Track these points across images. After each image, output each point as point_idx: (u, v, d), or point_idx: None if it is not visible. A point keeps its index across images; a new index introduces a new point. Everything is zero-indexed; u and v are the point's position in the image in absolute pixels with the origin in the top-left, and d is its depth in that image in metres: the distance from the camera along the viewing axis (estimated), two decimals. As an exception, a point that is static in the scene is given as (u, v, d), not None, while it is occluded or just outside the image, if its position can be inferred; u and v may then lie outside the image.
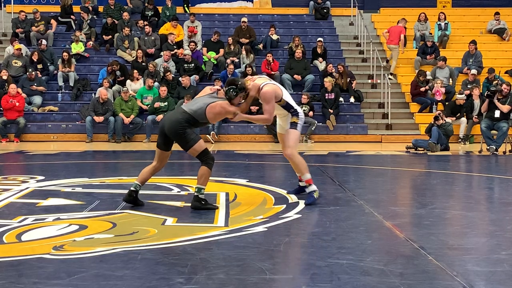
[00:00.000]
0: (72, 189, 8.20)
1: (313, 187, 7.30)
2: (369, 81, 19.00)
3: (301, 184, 7.70)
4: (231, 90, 6.83)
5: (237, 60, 18.58)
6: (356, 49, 20.76)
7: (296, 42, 18.87)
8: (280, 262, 4.87)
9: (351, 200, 7.59)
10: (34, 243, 5.44)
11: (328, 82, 16.94)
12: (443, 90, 17.51)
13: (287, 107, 7.28)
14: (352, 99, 17.67)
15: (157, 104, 16.34)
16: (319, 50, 18.91)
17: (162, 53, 18.38)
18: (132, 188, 6.92)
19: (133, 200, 6.92)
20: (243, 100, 7.05)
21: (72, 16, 20.58)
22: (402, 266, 4.76)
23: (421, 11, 20.79)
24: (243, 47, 18.87)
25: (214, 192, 7.98)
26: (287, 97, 7.30)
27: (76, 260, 4.88)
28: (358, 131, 16.91)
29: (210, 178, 7.10)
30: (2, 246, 5.33)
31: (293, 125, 7.33)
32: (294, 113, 7.32)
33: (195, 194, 6.81)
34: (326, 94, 16.93)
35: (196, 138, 6.80)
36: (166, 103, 16.31)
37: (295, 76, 17.99)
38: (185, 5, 21.95)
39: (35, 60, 18.00)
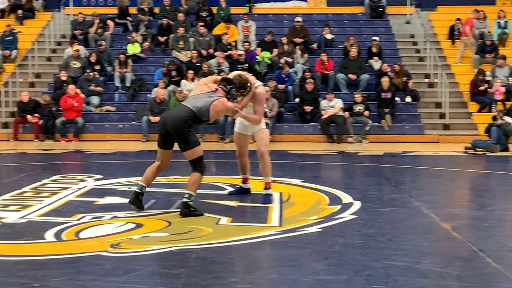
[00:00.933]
0: (129, 187, 8.31)
1: (271, 191, 7.37)
2: (426, 80, 18.71)
3: (243, 185, 7.76)
4: (233, 89, 6.87)
5: (291, 60, 18.55)
6: (413, 48, 20.48)
7: (351, 41, 18.73)
8: (335, 263, 4.83)
9: (407, 201, 7.50)
10: (91, 240, 5.54)
11: (385, 81, 16.77)
12: (503, 89, 17.13)
13: None
14: (408, 99, 17.45)
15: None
16: (374, 49, 18.72)
17: (216, 54, 18.49)
18: (137, 190, 6.73)
19: (139, 203, 6.72)
20: (241, 97, 7.07)
21: (128, 18, 20.88)
22: (459, 268, 4.67)
23: (479, 9, 20.35)
24: (297, 46, 18.82)
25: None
26: None
27: (132, 258, 4.94)
28: (414, 131, 16.67)
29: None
30: (61, 243, 5.44)
31: (266, 125, 7.47)
32: (265, 115, 7.47)
33: (185, 201, 6.47)
34: (382, 94, 16.76)
35: (198, 142, 6.65)
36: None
37: (350, 75, 17.86)
38: (248, 5, 22.02)
39: (93, 61, 18.33)
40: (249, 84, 7.05)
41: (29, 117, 16.34)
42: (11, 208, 6.92)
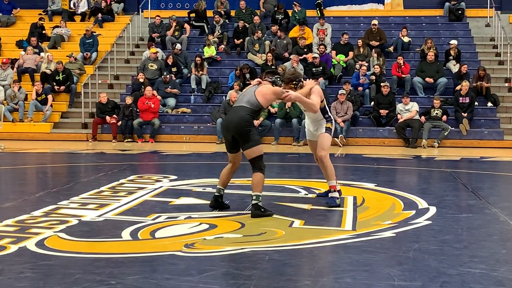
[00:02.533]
0: (203, 189, 8.41)
1: (336, 194, 7.33)
2: (506, 84, 18.21)
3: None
4: (278, 79, 7.01)
5: (366, 64, 18.38)
6: (493, 51, 19.96)
7: (428, 44, 18.40)
8: (409, 268, 4.76)
9: (484, 208, 7.31)
10: (166, 240, 5.62)
11: (465, 85, 16.41)
12: None
13: (323, 111, 7.39)
14: (489, 104, 17.03)
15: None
16: (452, 53, 18.34)
17: (291, 57, 18.49)
18: (216, 193, 6.93)
19: (220, 205, 6.93)
20: (297, 88, 7.16)
21: (205, 21, 21.14)
22: (539, 278, 4.52)
23: None
24: (373, 49, 18.64)
25: (342, 196, 7.92)
26: (324, 103, 7.46)
27: (206, 258, 4.99)
28: (493, 137, 16.24)
29: (337, 181, 7.06)
30: (137, 242, 5.55)
31: (327, 130, 7.43)
32: (329, 119, 7.46)
33: (254, 202, 6.58)
34: (460, 98, 16.40)
35: (259, 141, 6.77)
36: (292, 106, 16.36)
37: (427, 79, 17.55)
38: (317, 9, 21.96)
39: (169, 63, 18.64)
40: (302, 80, 7.22)
41: (107, 118, 16.74)
42: (89, 206, 7.10)
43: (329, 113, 7.49)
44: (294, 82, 7.14)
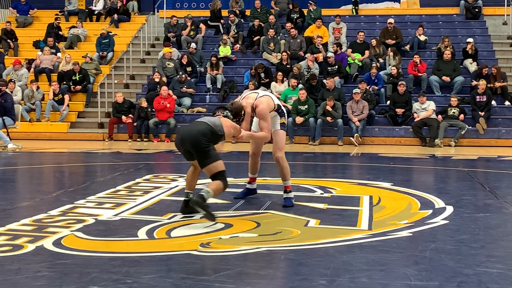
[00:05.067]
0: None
1: (292, 195, 7.20)
2: (523, 82, 18.08)
3: (248, 186, 7.57)
4: (229, 113, 6.80)
5: (382, 61, 18.32)
6: (510, 49, 19.82)
7: (445, 42, 18.30)
8: (426, 268, 4.73)
9: (502, 207, 7.26)
10: (182, 239, 5.63)
11: (482, 84, 16.31)
12: None
13: (277, 108, 7.09)
14: (507, 102, 16.91)
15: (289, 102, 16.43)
16: (469, 51, 18.23)
17: (306, 56, 18.46)
18: (185, 198, 6.63)
19: (190, 210, 6.51)
20: (241, 120, 6.91)
21: (221, 20, 21.17)
22: (558, 278, 4.48)
23: None
24: (389, 48, 18.56)
25: (358, 195, 7.91)
26: (275, 99, 7.16)
27: (221, 258, 5.00)
28: (511, 135, 16.12)
29: (353, 181, 7.04)
30: (153, 241, 5.56)
31: (282, 126, 7.16)
32: (282, 114, 7.16)
33: (202, 193, 6.08)
34: (477, 97, 16.30)
35: (218, 156, 6.44)
36: (306, 106, 16.33)
37: (444, 78, 17.46)
38: (354, 7, 21.93)
39: (184, 63, 18.68)
40: (242, 112, 6.85)
41: (123, 117, 16.81)
42: (105, 205, 7.13)
43: (282, 107, 7.17)
44: (236, 118, 6.85)
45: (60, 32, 21.52)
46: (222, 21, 21.13)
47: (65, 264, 4.76)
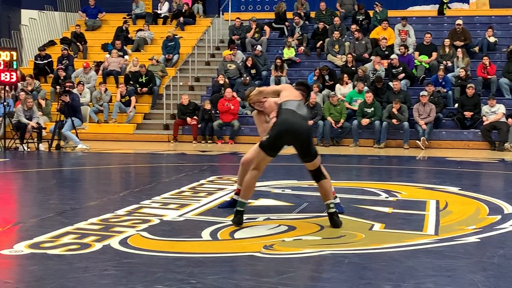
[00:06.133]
0: (282, 190, 8.41)
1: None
2: None
3: (236, 197, 7.02)
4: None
5: (450, 64, 17.98)
6: None
7: (515, 44, 17.85)
8: (494, 275, 4.61)
9: None
10: (245, 241, 5.64)
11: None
12: None
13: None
14: None
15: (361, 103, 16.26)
16: (541, 53, 17.73)
17: (372, 58, 18.28)
18: (239, 208, 6.17)
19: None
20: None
21: (286, 23, 21.16)
22: None
23: None
24: (458, 50, 18.19)
25: (424, 200, 7.77)
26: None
27: (285, 260, 4.98)
28: None
29: (419, 185, 6.92)
30: (216, 242, 5.59)
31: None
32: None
33: (332, 210, 6.05)
34: (548, 99, 15.84)
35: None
36: (372, 109, 16.16)
37: (514, 80, 17.03)
38: (444, 7, 21.63)
39: (249, 65, 18.75)
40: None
41: (188, 119, 16.99)
42: (170, 206, 7.21)
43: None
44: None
45: (128, 35, 21.91)
46: (286, 23, 21.12)
47: (131, 263, 4.83)
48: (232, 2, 22.84)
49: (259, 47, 19.41)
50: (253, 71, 18.66)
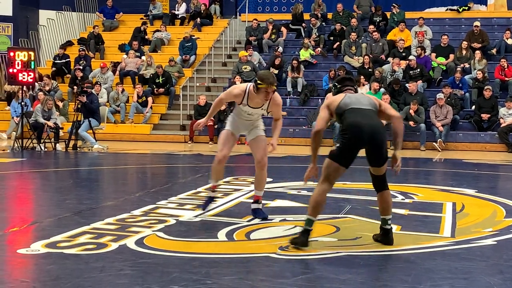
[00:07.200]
0: (298, 191, 8.40)
1: (260, 205, 6.68)
2: None
3: (212, 194, 6.88)
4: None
5: (467, 66, 17.88)
6: None
7: (533, 46, 17.73)
8: (510, 278, 4.59)
9: None
10: (261, 242, 5.65)
11: None
12: None
13: None
14: None
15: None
16: (559, 55, 17.60)
17: (389, 59, 18.22)
18: (306, 227, 5.37)
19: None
20: None
21: (302, 24, 21.16)
22: None
23: None
24: (475, 52, 18.10)
25: (440, 202, 7.74)
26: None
27: (300, 261, 4.98)
28: None
29: (436, 187, 6.89)
30: (232, 243, 5.60)
31: (265, 131, 6.94)
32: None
33: (389, 227, 5.50)
34: None
35: None
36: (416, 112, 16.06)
37: (532, 82, 16.91)
38: (466, 7, 21.60)
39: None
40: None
41: (205, 120, 17.00)
42: (186, 207, 7.23)
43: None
44: None
45: (145, 36, 22.00)
46: (303, 24, 21.11)
47: (147, 263, 4.85)
48: (249, 3, 22.87)
49: (280, 49, 19.39)
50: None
